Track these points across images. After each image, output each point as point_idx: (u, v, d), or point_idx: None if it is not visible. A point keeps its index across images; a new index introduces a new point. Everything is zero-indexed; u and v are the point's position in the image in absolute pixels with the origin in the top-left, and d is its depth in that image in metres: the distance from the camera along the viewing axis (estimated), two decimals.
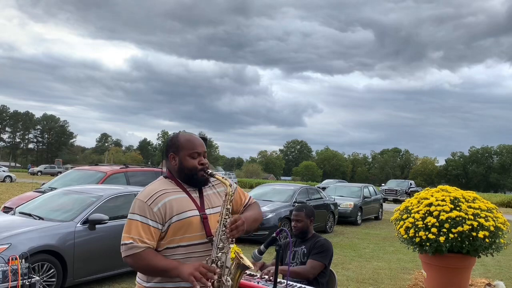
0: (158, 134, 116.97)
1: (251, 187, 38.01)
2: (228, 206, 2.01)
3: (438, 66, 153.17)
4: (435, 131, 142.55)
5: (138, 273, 2.07)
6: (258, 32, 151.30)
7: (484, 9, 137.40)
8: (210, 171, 2.10)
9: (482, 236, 3.46)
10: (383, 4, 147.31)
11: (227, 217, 1.99)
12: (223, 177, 2.11)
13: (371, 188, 18.03)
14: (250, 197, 2.30)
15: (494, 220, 3.58)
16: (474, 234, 3.49)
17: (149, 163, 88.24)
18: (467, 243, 3.51)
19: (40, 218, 5.66)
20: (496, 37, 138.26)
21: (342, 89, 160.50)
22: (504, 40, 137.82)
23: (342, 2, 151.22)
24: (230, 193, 2.03)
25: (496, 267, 8.56)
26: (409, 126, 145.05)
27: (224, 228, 1.96)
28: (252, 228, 2.10)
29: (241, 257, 1.99)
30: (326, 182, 36.73)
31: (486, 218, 3.55)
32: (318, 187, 18.95)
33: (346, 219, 14.66)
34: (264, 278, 3.08)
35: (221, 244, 1.94)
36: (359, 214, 15.34)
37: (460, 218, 3.54)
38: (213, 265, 1.92)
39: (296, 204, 10.49)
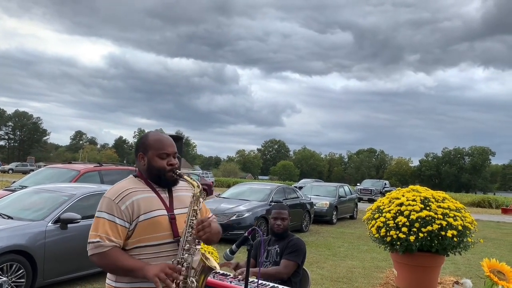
0: (135, 132, 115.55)
1: (229, 186, 37.91)
2: (195, 207, 1.99)
3: (414, 69, 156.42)
4: (410, 132, 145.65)
5: (107, 273, 2.05)
6: (238, 32, 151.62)
7: (460, 14, 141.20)
8: (179, 172, 2.07)
9: (450, 235, 3.55)
10: (362, 7, 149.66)
11: (193, 218, 1.97)
12: (190, 178, 2.09)
13: (347, 187, 18.26)
14: (212, 214, 2.28)
15: (462, 220, 3.68)
16: (443, 233, 3.58)
17: (125, 161, 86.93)
18: (436, 242, 3.60)
19: (10, 217, 5.52)
20: (471, 42, 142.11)
21: (320, 89, 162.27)
22: (478, 45, 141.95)
23: (322, 4, 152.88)
24: (197, 194, 2.01)
25: (466, 265, 8.78)
26: (385, 127, 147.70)
27: (190, 230, 1.95)
28: (213, 239, 2.05)
29: (206, 258, 1.97)
30: (302, 182, 36.99)
31: (454, 218, 3.65)
32: (295, 186, 19.07)
33: (321, 218, 14.81)
34: (237, 278, 3.08)
35: (187, 246, 1.93)
36: (335, 213, 15.50)
37: (430, 217, 3.63)
38: (179, 266, 1.90)
39: (273, 203, 10.53)
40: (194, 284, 1.91)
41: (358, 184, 38.52)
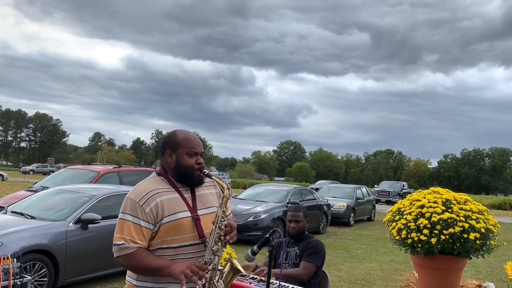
0: (152, 133, 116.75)
1: (245, 187, 37.96)
2: (224, 209, 1.99)
3: (432, 69, 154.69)
4: (428, 133, 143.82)
5: (128, 271, 2.05)
6: (255, 34, 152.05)
7: (480, 13, 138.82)
8: (206, 171, 2.07)
9: (473, 238, 3.49)
10: (379, 7, 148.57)
11: (222, 219, 1.97)
12: (220, 179, 2.08)
13: (364, 189, 18.11)
14: (230, 212, 2.29)
15: (485, 222, 3.61)
16: (465, 235, 3.52)
17: (143, 162, 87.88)
18: (458, 244, 3.54)
19: (32, 217, 5.63)
20: (491, 41, 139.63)
21: (337, 90, 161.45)
22: (498, 44, 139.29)
23: (339, 5, 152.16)
24: (227, 195, 2.01)
25: (487, 268, 8.63)
26: (402, 128, 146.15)
27: (219, 231, 1.94)
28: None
29: (234, 261, 1.98)
30: (319, 183, 36.81)
31: (477, 220, 3.58)
32: (311, 188, 19.00)
33: (339, 220, 14.72)
34: (256, 278, 3.08)
35: (215, 247, 1.92)
36: (352, 215, 15.40)
37: (452, 220, 3.57)
38: (206, 265, 1.90)
39: (290, 204, 10.51)
40: (221, 286, 1.91)
41: (376, 185, 38.17)
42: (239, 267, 1.97)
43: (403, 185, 36.14)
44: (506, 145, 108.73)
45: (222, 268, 1.96)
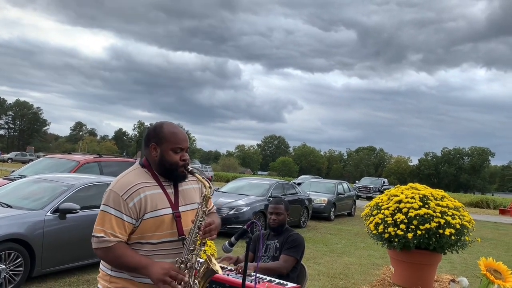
0: (135, 124, 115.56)
1: (227, 181, 37.93)
2: (205, 209, 1.98)
3: (417, 69, 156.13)
4: (410, 131, 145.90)
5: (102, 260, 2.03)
6: (242, 27, 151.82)
7: (465, 15, 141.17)
8: (190, 169, 2.04)
9: (448, 234, 3.56)
10: (366, 5, 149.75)
11: (202, 219, 1.95)
12: (203, 178, 2.06)
13: (345, 185, 18.29)
14: (213, 205, 2.27)
15: (460, 218, 3.69)
16: (441, 231, 3.59)
17: (124, 153, 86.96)
18: (434, 240, 3.61)
19: (9, 206, 5.53)
20: (475, 43, 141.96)
21: (321, 87, 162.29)
22: (481, 46, 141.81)
23: (327, 1, 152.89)
24: (208, 195, 1.99)
25: (463, 264, 8.82)
26: (385, 126, 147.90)
27: (197, 230, 1.93)
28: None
29: (210, 261, 1.97)
30: (301, 178, 37.07)
31: (452, 216, 3.66)
32: (293, 182, 19.10)
33: (319, 215, 14.85)
34: (234, 271, 3.08)
35: (192, 246, 1.92)
36: (333, 210, 15.54)
37: (428, 215, 3.64)
38: (182, 265, 1.90)
39: (272, 198, 10.54)
40: (196, 286, 1.91)
41: (357, 181, 38.59)
42: (216, 268, 1.96)
43: (384, 181, 36.61)
44: (485, 144, 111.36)
45: (198, 268, 1.95)
